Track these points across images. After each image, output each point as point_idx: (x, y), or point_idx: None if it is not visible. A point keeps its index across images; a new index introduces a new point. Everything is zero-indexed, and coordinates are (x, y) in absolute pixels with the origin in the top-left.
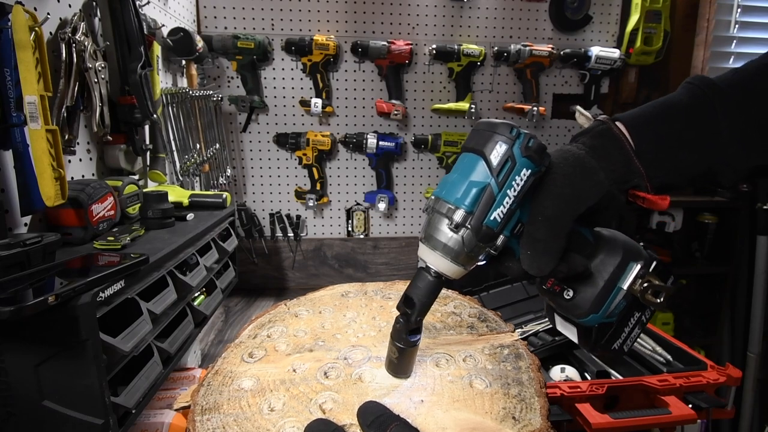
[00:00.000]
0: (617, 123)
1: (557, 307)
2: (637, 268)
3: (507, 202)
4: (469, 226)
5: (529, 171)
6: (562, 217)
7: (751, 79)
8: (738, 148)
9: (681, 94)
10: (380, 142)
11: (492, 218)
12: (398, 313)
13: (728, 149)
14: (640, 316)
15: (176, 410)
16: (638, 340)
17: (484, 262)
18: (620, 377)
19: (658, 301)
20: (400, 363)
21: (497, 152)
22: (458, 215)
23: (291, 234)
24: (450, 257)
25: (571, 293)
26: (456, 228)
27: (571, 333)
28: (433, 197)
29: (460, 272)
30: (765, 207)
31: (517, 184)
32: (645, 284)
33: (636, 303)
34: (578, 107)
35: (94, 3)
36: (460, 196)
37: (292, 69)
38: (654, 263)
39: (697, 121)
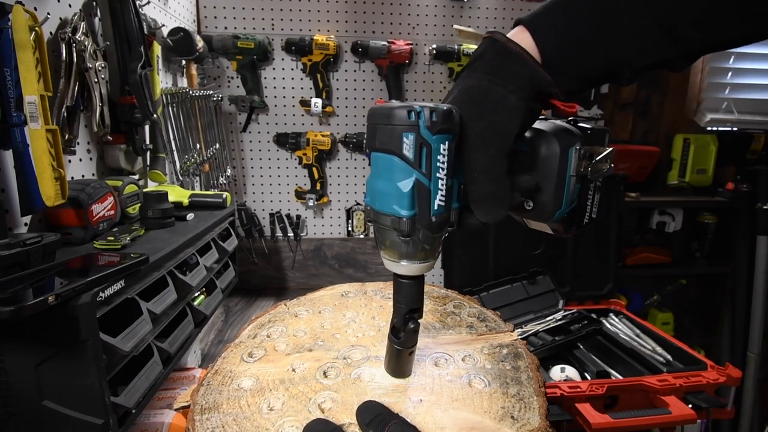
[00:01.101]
0: (517, 28)
1: (525, 216)
2: (577, 151)
3: (441, 185)
4: (419, 227)
5: (447, 143)
6: (495, 161)
7: None
8: (636, 44)
9: None
10: None
11: (436, 207)
12: None
13: (629, 47)
14: (594, 184)
15: (176, 410)
16: (638, 339)
17: (447, 234)
18: (620, 377)
19: (606, 168)
20: (400, 363)
21: (407, 145)
22: (404, 225)
23: (291, 234)
24: (416, 260)
25: (531, 203)
26: (408, 236)
27: (545, 228)
28: (369, 208)
29: (430, 265)
30: (765, 207)
31: (442, 163)
32: (588, 160)
33: (587, 177)
34: (456, 26)
35: (94, 3)
36: (395, 205)
37: (292, 69)
38: (589, 134)
39: (599, 18)
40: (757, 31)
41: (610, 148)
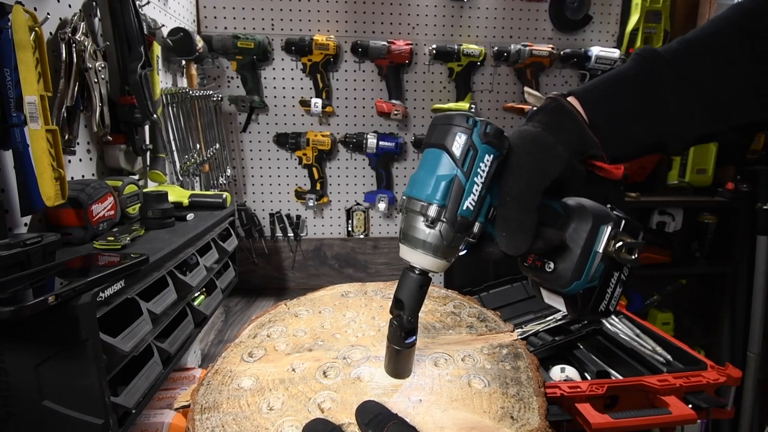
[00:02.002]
0: (570, 98)
1: (541, 281)
2: (608, 230)
3: (476, 190)
4: (444, 219)
5: (492, 156)
6: (529, 194)
7: (694, 50)
8: (683, 118)
9: (630, 66)
10: (380, 142)
11: (465, 207)
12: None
13: (674, 120)
14: (619, 275)
15: (176, 409)
16: (638, 339)
17: (465, 251)
18: (620, 377)
19: (633, 257)
20: (399, 364)
21: (458, 143)
22: (432, 210)
23: (291, 234)
24: (431, 253)
25: (552, 265)
26: (432, 223)
27: (558, 303)
28: (404, 197)
29: (443, 266)
30: (765, 207)
31: (483, 171)
32: (618, 243)
33: (613, 263)
34: (526, 88)
35: (94, 3)
36: (430, 191)
37: (292, 69)
38: (623, 222)
39: (645, 92)
40: None
41: (641, 242)
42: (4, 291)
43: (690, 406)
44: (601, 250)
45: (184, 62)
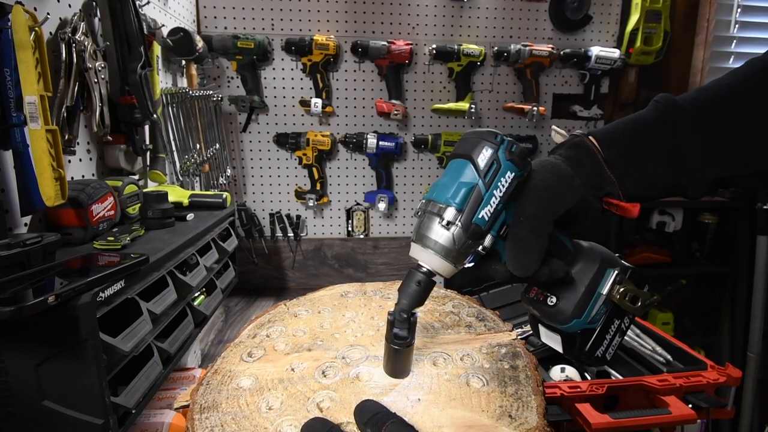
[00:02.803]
0: (590, 137)
1: (542, 315)
2: (614, 275)
3: (493, 202)
4: (459, 224)
5: (513, 174)
6: (542, 217)
7: (711, 100)
8: (700, 163)
9: (648, 112)
10: (380, 142)
11: (480, 216)
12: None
13: (692, 164)
14: (619, 323)
15: (176, 409)
16: (638, 339)
17: (473, 263)
18: (620, 377)
19: (637, 306)
20: (398, 364)
21: (484, 155)
22: (449, 213)
23: (291, 234)
24: (441, 254)
25: (554, 300)
26: (447, 225)
27: (555, 343)
28: (424, 201)
29: (450, 270)
30: (765, 207)
31: (503, 185)
32: (622, 290)
33: (616, 310)
34: (554, 126)
35: (94, 3)
36: (450, 195)
37: (292, 69)
38: (629, 271)
39: (663, 138)
40: None
41: (647, 291)
42: (4, 291)
43: (690, 406)
44: (605, 293)
45: (184, 62)
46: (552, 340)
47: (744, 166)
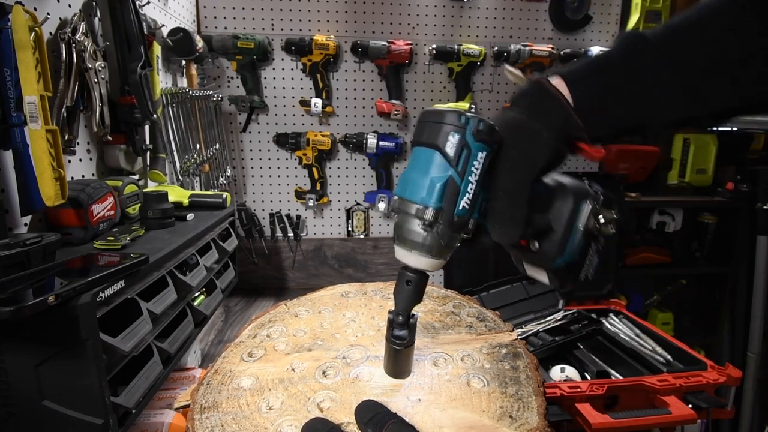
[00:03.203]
0: (555, 79)
1: (526, 259)
2: (588, 208)
3: (471, 189)
4: (441, 222)
5: (485, 153)
6: (521, 187)
7: (678, 35)
8: (663, 102)
9: (615, 49)
10: (380, 142)
11: (461, 207)
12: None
13: (655, 103)
14: (597, 246)
15: (176, 409)
16: (638, 339)
17: (458, 244)
18: (620, 377)
19: (612, 230)
20: (398, 364)
21: (451, 143)
22: (429, 214)
23: (291, 234)
24: (429, 254)
25: (536, 245)
26: (429, 226)
27: (540, 276)
28: (396, 197)
29: (440, 264)
30: (765, 207)
31: (477, 169)
32: (597, 219)
33: (592, 236)
34: (506, 65)
35: (94, 3)
36: (425, 194)
37: (292, 69)
38: (600, 197)
39: (628, 74)
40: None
41: (617, 215)
42: (4, 291)
43: (690, 406)
44: (582, 227)
45: (184, 62)
46: (537, 274)
47: (703, 107)
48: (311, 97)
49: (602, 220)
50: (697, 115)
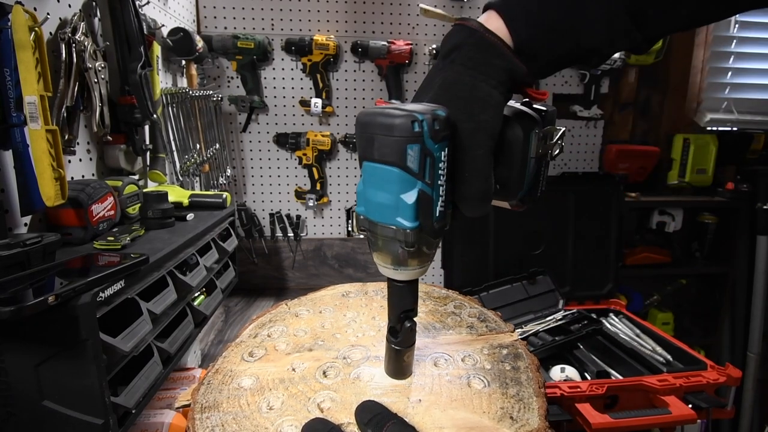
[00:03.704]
0: (490, 12)
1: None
2: (536, 135)
3: (442, 191)
4: (423, 235)
5: (446, 149)
6: (485, 160)
7: None
8: (607, 32)
9: None
10: None
11: (438, 213)
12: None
13: (598, 34)
14: (546, 161)
15: (177, 409)
16: (638, 339)
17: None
18: (620, 377)
19: (559, 145)
20: (399, 364)
21: (412, 156)
22: (410, 236)
23: (291, 234)
24: (417, 267)
25: (497, 186)
26: (412, 246)
27: (503, 205)
28: (364, 218)
29: (427, 268)
30: (765, 207)
31: (443, 169)
32: (545, 142)
33: (543, 158)
34: (421, 4)
35: (94, 3)
36: (400, 217)
37: (292, 69)
38: (543, 115)
39: (570, 5)
40: (722, 11)
41: (563, 129)
42: (4, 291)
43: (690, 406)
44: (534, 155)
45: (184, 62)
46: (499, 204)
47: (642, 32)
48: (311, 97)
49: (551, 143)
50: (636, 44)
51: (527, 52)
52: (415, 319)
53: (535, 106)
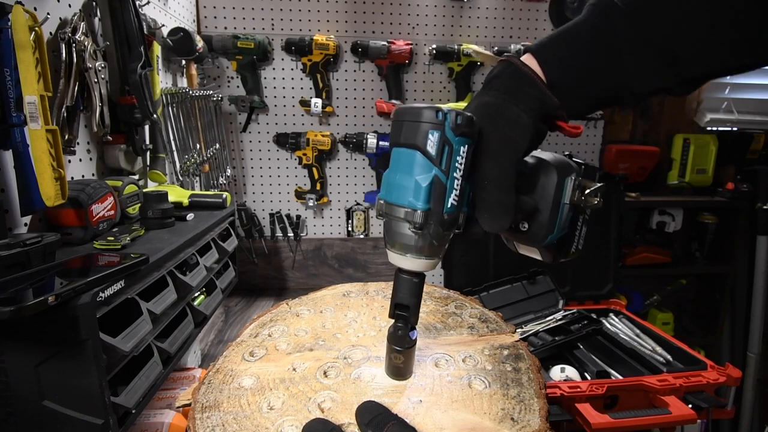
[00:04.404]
0: (525, 56)
1: (517, 239)
2: (572, 182)
3: (457, 185)
4: (432, 222)
5: (467, 146)
6: (506, 174)
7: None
8: (638, 71)
9: (585, 17)
10: (380, 142)
11: (450, 205)
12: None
13: (629, 73)
14: (584, 217)
15: (178, 408)
16: (638, 339)
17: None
18: (620, 377)
19: (596, 200)
20: (400, 366)
21: (431, 141)
22: (418, 216)
23: (291, 234)
24: (423, 256)
25: (526, 225)
26: (420, 228)
27: (533, 254)
28: (382, 202)
29: (435, 263)
30: (765, 207)
31: (460, 164)
32: (583, 191)
33: (578, 209)
34: (474, 46)
35: (94, 3)
36: (412, 197)
37: (292, 69)
38: (582, 169)
39: (600, 45)
40: (756, 60)
41: (601, 184)
42: (4, 291)
43: (690, 406)
44: (568, 201)
45: (184, 62)
46: (530, 252)
47: (676, 74)
48: (311, 97)
49: (587, 192)
50: (670, 85)
51: (559, 89)
52: (412, 323)
53: (576, 159)
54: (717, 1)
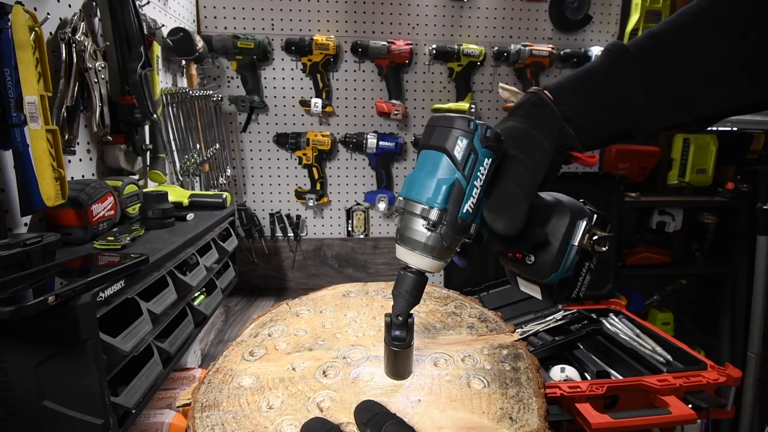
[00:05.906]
0: (546, 92)
1: (521, 272)
2: (583, 225)
3: (475, 193)
4: (445, 223)
5: (491, 159)
6: (527, 193)
7: (660, 45)
8: (649, 111)
9: (600, 62)
10: (380, 142)
11: (465, 210)
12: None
13: (641, 112)
14: (589, 264)
15: (178, 407)
16: (638, 339)
17: (458, 251)
18: (620, 377)
19: (604, 249)
20: (398, 365)
21: (459, 147)
22: (434, 214)
23: (291, 234)
24: (431, 255)
25: (532, 258)
26: (433, 226)
27: (534, 292)
28: (401, 198)
29: (441, 266)
30: (765, 207)
31: (482, 174)
32: (592, 237)
33: (585, 254)
34: (501, 84)
35: (94, 3)
36: (431, 195)
37: (292, 69)
38: (595, 217)
39: (613, 88)
40: (766, 98)
41: (610, 234)
42: (4, 291)
43: (690, 406)
44: (576, 244)
45: (184, 62)
46: (530, 290)
47: (687, 113)
48: (311, 97)
49: (596, 239)
50: (682, 122)
51: (575, 123)
52: (401, 319)
53: (588, 207)
54: (726, 49)
